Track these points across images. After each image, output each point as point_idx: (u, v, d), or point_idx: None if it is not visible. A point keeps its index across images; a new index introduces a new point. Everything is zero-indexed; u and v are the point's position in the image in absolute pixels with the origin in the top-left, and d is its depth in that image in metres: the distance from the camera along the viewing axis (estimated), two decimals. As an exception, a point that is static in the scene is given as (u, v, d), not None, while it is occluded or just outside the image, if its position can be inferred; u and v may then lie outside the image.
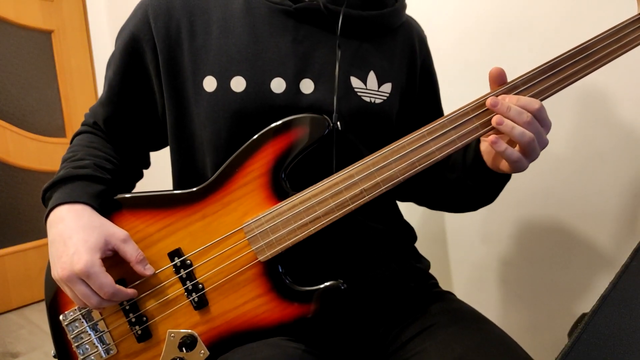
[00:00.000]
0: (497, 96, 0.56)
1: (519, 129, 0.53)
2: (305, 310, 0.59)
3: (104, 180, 0.65)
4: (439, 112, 0.79)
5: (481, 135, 0.57)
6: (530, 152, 0.54)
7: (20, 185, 1.99)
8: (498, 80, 0.57)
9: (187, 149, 0.69)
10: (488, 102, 0.55)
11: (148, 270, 0.60)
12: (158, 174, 1.10)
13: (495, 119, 0.54)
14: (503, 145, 0.54)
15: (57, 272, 0.58)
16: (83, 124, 0.76)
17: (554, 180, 1.03)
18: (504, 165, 0.58)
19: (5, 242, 1.98)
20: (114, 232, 0.60)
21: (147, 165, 0.81)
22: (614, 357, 0.40)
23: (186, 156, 0.69)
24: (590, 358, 0.40)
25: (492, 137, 0.54)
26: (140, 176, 0.80)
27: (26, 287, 2.04)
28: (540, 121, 0.54)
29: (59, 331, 0.65)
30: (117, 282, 0.63)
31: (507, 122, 0.54)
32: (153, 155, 0.82)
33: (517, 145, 0.55)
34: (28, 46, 1.99)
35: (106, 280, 0.56)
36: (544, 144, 0.55)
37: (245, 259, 0.60)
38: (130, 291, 0.59)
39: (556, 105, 0.98)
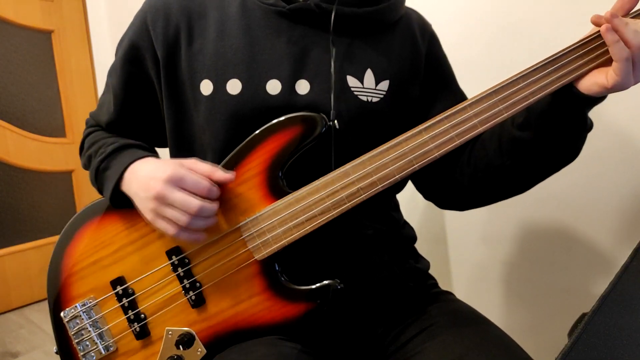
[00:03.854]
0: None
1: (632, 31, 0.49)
2: (302, 309, 0.59)
3: (148, 149, 0.68)
4: (461, 96, 0.75)
5: (478, 133, 0.56)
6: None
7: (20, 185, 1.99)
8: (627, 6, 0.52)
9: (187, 152, 0.69)
10: (593, 18, 0.52)
11: (228, 175, 0.58)
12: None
13: (604, 27, 0.50)
14: (614, 35, 0.50)
15: (149, 198, 0.57)
16: (90, 126, 0.76)
17: (554, 180, 1.02)
18: (603, 79, 0.52)
19: (5, 242, 1.98)
20: (184, 160, 0.60)
21: None
22: (614, 357, 0.40)
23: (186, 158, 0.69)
24: (590, 358, 0.40)
25: (605, 25, 0.50)
26: None
27: (26, 287, 2.04)
28: None
29: (61, 328, 0.65)
30: (117, 279, 0.63)
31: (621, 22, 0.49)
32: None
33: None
34: (28, 46, 1.99)
35: (199, 176, 0.56)
36: None
37: (241, 258, 0.60)
38: (229, 174, 0.58)
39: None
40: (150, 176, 0.57)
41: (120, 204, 0.63)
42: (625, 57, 0.49)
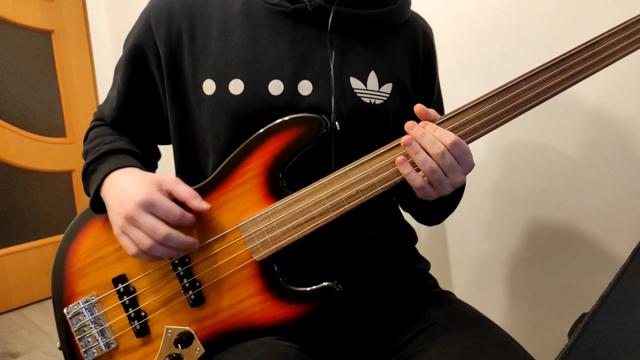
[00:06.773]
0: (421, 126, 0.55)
1: (422, 155, 0.53)
2: (300, 310, 0.59)
3: (141, 157, 0.69)
4: (438, 109, 0.77)
5: (479, 137, 0.55)
6: (435, 183, 0.53)
7: (20, 185, 1.99)
8: (424, 116, 0.56)
9: (189, 151, 0.69)
10: (406, 125, 0.55)
11: (203, 205, 0.59)
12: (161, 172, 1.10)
13: (404, 139, 0.54)
14: (408, 168, 0.54)
15: (120, 215, 0.57)
16: (95, 120, 0.77)
17: (554, 180, 1.03)
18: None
19: (5, 242, 1.98)
20: (165, 178, 0.61)
21: (158, 156, 0.82)
22: (614, 357, 0.40)
23: (189, 158, 0.69)
24: (590, 358, 0.40)
25: (400, 157, 0.54)
26: (156, 167, 0.81)
27: (26, 287, 2.04)
28: (456, 157, 0.53)
29: (64, 324, 0.66)
30: (118, 277, 0.64)
31: (415, 144, 0.53)
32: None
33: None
34: (28, 46, 1.99)
35: (171, 204, 0.57)
36: (456, 181, 0.53)
37: (240, 258, 0.60)
38: (204, 205, 0.59)
39: (557, 106, 0.98)
40: (125, 192, 0.58)
41: (100, 209, 0.64)
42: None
